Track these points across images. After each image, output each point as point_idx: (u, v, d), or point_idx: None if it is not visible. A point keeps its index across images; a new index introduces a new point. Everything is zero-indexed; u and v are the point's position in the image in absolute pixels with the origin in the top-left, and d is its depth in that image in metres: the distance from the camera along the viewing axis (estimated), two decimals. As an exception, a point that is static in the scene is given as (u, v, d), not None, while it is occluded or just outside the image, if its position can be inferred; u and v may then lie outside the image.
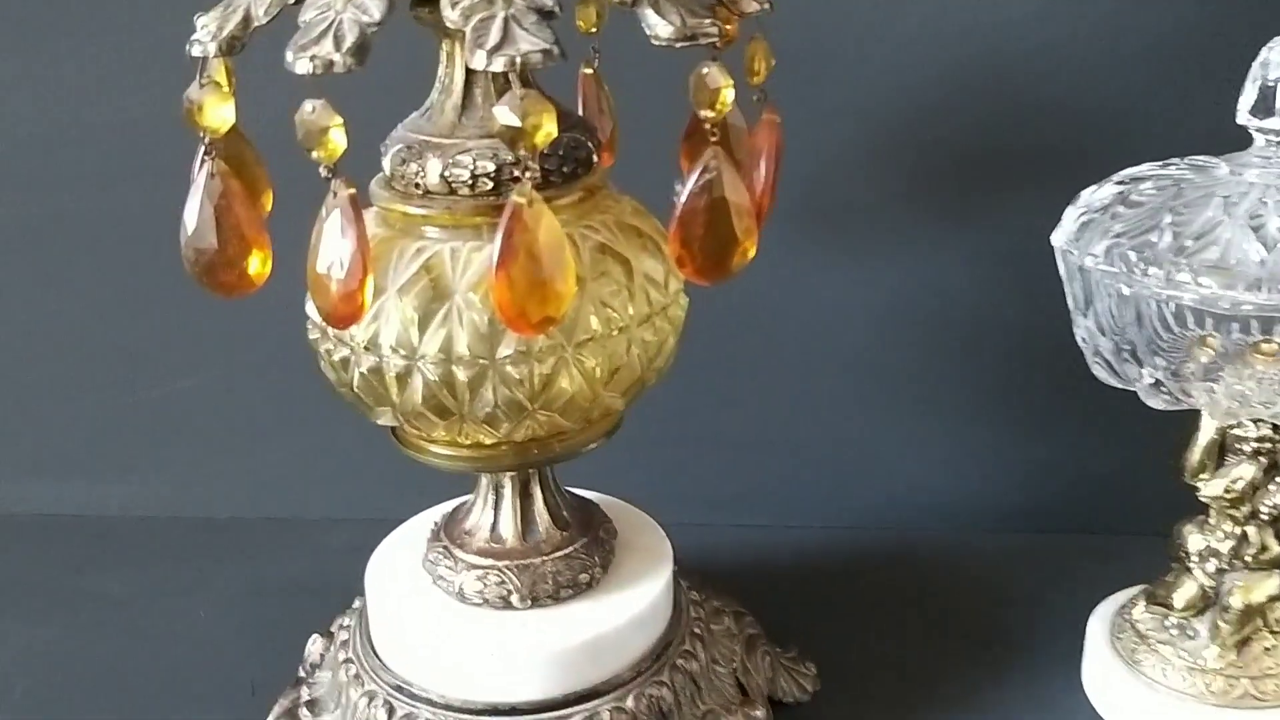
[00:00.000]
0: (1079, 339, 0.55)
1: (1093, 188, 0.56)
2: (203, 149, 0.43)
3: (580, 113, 0.55)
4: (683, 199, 0.43)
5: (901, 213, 0.69)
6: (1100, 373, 0.55)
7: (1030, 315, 0.69)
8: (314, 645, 0.59)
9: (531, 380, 0.45)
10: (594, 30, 0.55)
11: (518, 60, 0.37)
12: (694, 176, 0.43)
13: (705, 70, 0.41)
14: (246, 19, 0.41)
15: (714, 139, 0.42)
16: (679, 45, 0.40)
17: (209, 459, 0.77)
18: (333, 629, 0.59)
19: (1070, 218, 0.54)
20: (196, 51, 0.42)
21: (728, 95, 0.41)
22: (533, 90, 0.38)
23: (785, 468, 0.74)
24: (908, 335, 0.71)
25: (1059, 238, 0.54)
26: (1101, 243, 0.52)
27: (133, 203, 0.71)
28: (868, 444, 0.74)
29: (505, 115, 0.38)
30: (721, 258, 0.44)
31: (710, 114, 0.42)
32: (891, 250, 0.69)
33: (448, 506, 0.58)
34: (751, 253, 0.44)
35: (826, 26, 0.65)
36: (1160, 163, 0.55)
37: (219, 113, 0.42)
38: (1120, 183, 0.54)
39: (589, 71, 0.55)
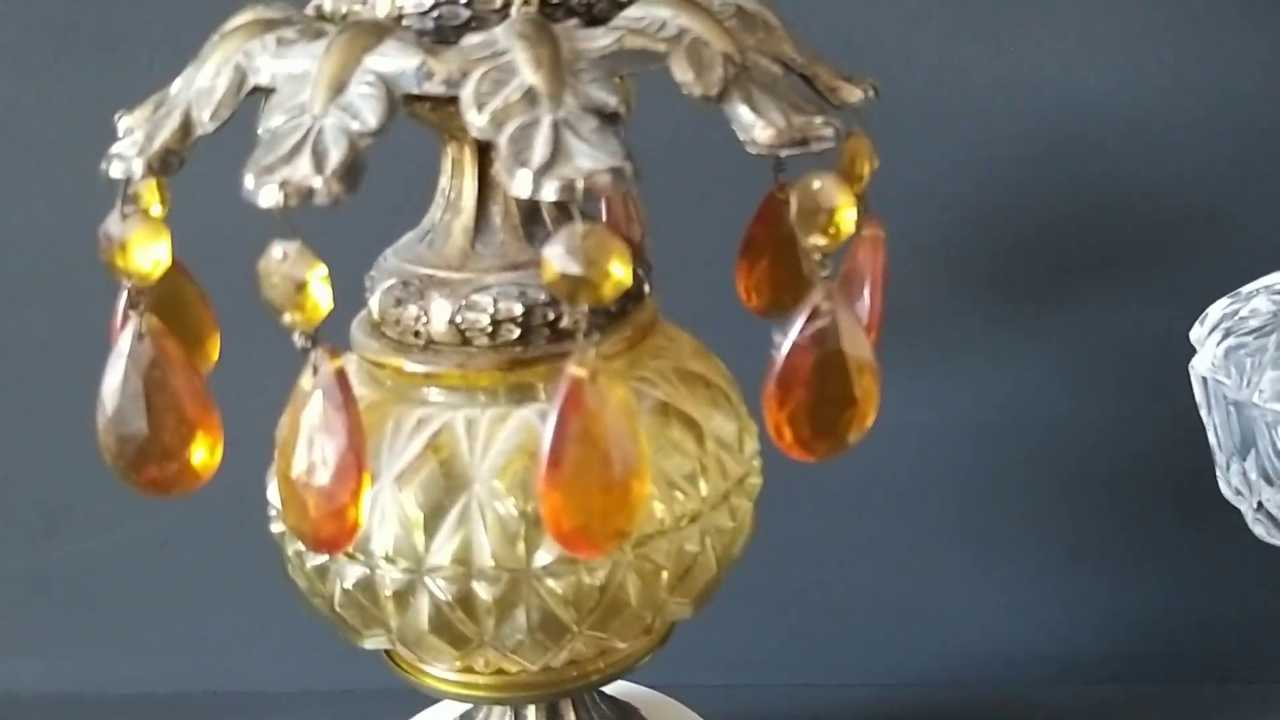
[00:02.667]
0: (1229, 489, 0.45)
1: (1226, 301, 0.46)
2: (125, 300, 0.32)
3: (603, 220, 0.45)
4: (784, 353, 0.32)
5: (977, 319, 0.59)
6: (1262, 531, 0.44)
7: (1133, 435, 0.59)
8: None
9: (579, 595, 0.34)
10: (619, 118, 0.44)
11: (578, 185, 0.26)
12: (799, 324, 0.32)
13: (817, 184, 0.31)
14: (186, 125, 0.30)
15: (825, 273, 0.32)
16: (784, 153, 0.30)
17: (143, 624, 0.65)
18: None
19: (1212, 341, 0.44)
20: (116, 172, 0.30)
21: (847, 217, 0.31)
22: (597, 224, 0.27)
23: (843, 618, 0.64)
24: (968, 457, 0.61)
25: (1203, 365, 0.44)
26: (1264, 374, 0.42)
27: (44, 324, 0.60)
28: (942, 588, 0.63)
29: (562, 261, 0.26)
30: (833, 428, 0.33)
31: (822, 242, 0.31)
32: (957, 361, 0.60)
33: (444, 711, 0.47)
34: (870, 420, 0.34)
35: (884, 102, 0.56)
36: (1305, 269, 0.46)
37: (149, 253, 0.30)
38: (1275, 295, 0.45)
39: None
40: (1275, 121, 0.56)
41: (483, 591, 0.34)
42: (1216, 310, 0.46)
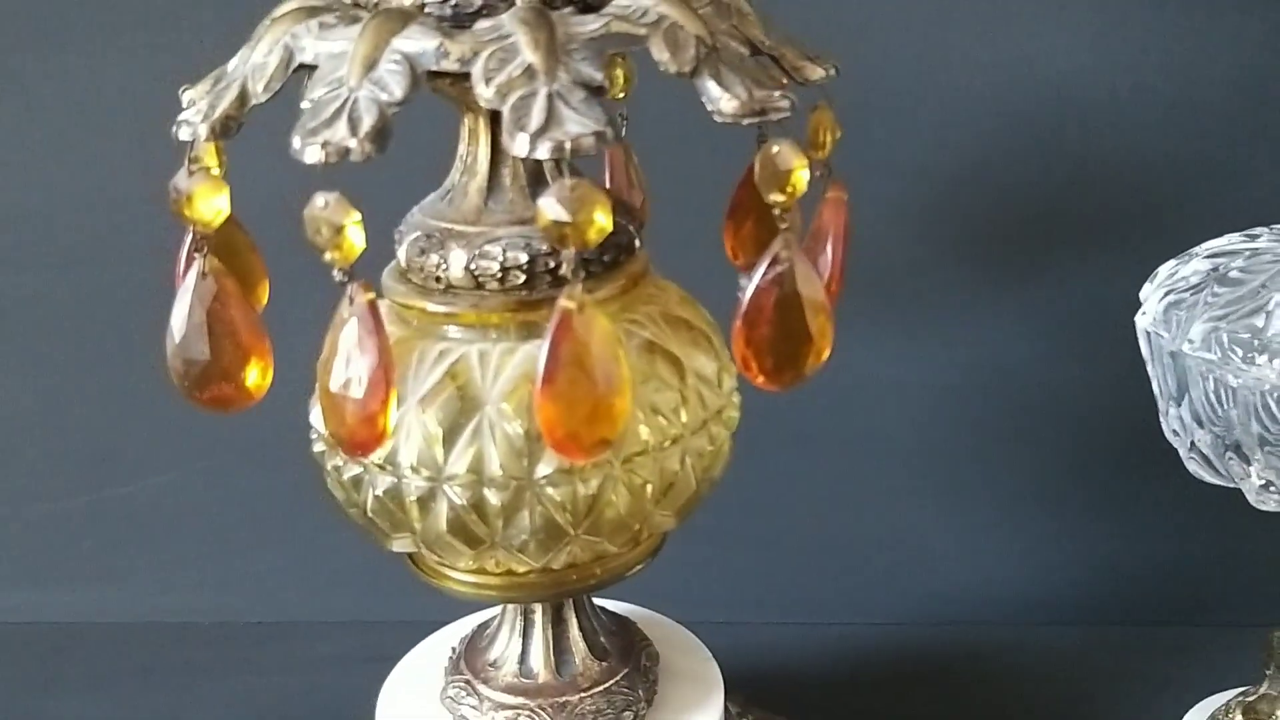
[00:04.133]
0: (1169, 431, 0.50)
1: (1173, 262, 0.51)
2: (190, 244, 0.37)
3: (606, 187, 0.50)
4: (749, 294, 0.37)
5: (952, 281, 0.63)
6: (1197, 469, 0.49)
7: (1097, 391, 0.64)
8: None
9: (574, 502, 0.39)
10: (621, 95, 0.49)
11: (567, 146, 0.32)
12: (762, 269, 0.37)
13: (775, 149, 0.36)
14: (243, 96, 0.36)
15: (784, 226, 0.37)
16: (745, 122, 0.35)
17: (188, 559, 0.71)
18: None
19: (1155, 297, 0.49)
20: (184, 135, 0.36)
21: (802, 177, 0.36)
22: (583, 179, 0.33)
23: (828, 560, 0.68)
24: (960, 414, 0.66)
25: (1145, 319, 0.49)
26: (1198, 326, 0.46)
27: (99, 283, 0.65)
28: (919, 533, 0.68)
29: (553, 209, 0.32)
30: (793, 361, 0.38)
31: (780, 198, 0.36)
32: (941, 322, 0.64)
33: (465, 625, 0.52)
34: (826, 354, 0.39)
35: (869, 78, 0.60)
36: (1245, 234, 0.51)
37: (212, 204, 0.36)
38: (1211, 256, 0.49)
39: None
40: (1235, 102, 0.60)
41: (492, 497, 0.39)
42: (1164, 271, 0.51)
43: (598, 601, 0.50)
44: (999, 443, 0.66)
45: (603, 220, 0.32)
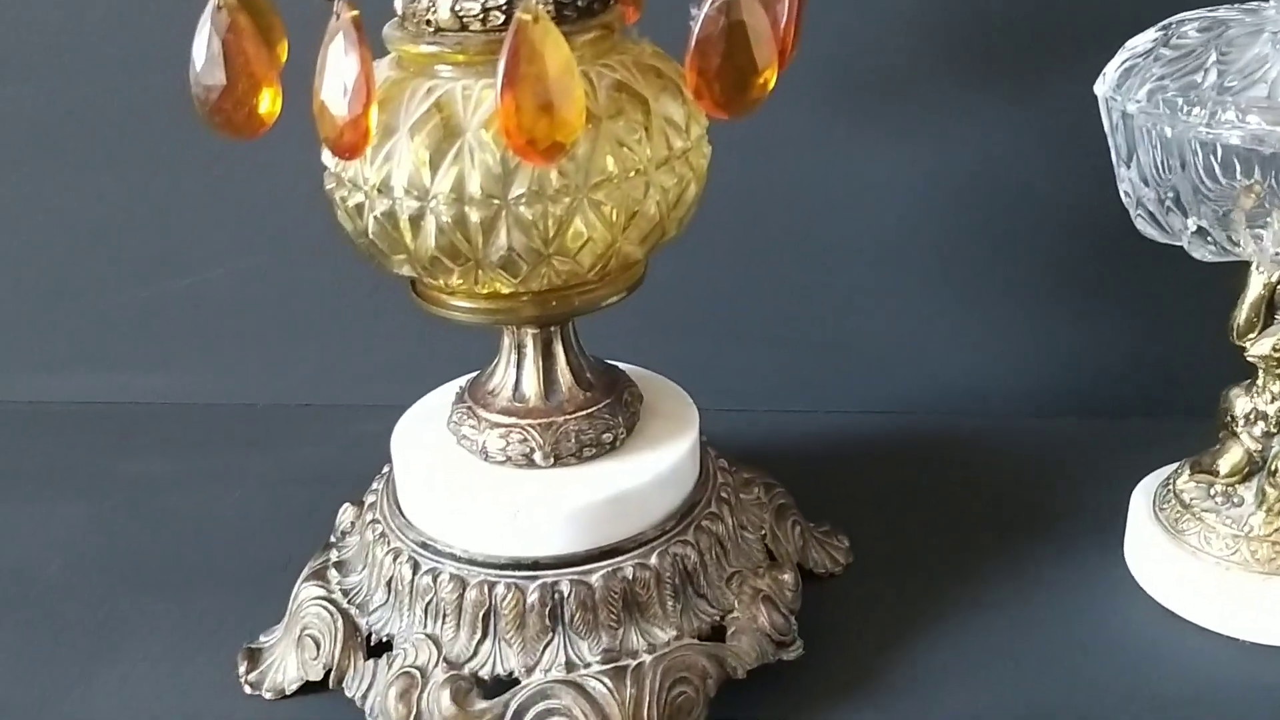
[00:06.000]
0: (1122, 194, 0.53)
1: (1137, 37, 0.54)
2: (209, -17, 0.42)
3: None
4: (698, 24, 0.41)
5: (939, 81, 0.66)
6: (1144, 226, 0.52)
7: (1075, 192, 0.66)
8: (345, 514, 0.59)
9: (545, 223, 0.44)
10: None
11: None
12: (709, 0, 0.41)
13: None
14: None
15: (729, -40, 0.41)
16: None
17: (246, 348, 0.77)
18: (365, 498, 0.59)
19: (1113, 66, 0.52)
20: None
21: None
22: (534, -101, 0.37)
23: (821, 352, 0.73)
24: (946, 212, 0.69)
25: (1102, 86, 0.52)
26: (1144, 87, 0.49)
27: (157, 90, 0.68)
28: (904, 327, 0.72)
29: (507, -75, 0.36)
30: (741, 88, 0.42)
31: (724, -69, 0.40)
32: (929, 122, 0.67)
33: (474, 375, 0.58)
34: (772, 83, 0.42)
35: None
36: (1210, 9, 0.53)
37: (222, -57, 0.41)
38: (1164, 27, 0.52)
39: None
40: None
41: (473, 215, 0.44)
42: (1128, 44, 0.53)
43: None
44: (1001, 244, 0.69)
45: (552, -57, 0.37)
